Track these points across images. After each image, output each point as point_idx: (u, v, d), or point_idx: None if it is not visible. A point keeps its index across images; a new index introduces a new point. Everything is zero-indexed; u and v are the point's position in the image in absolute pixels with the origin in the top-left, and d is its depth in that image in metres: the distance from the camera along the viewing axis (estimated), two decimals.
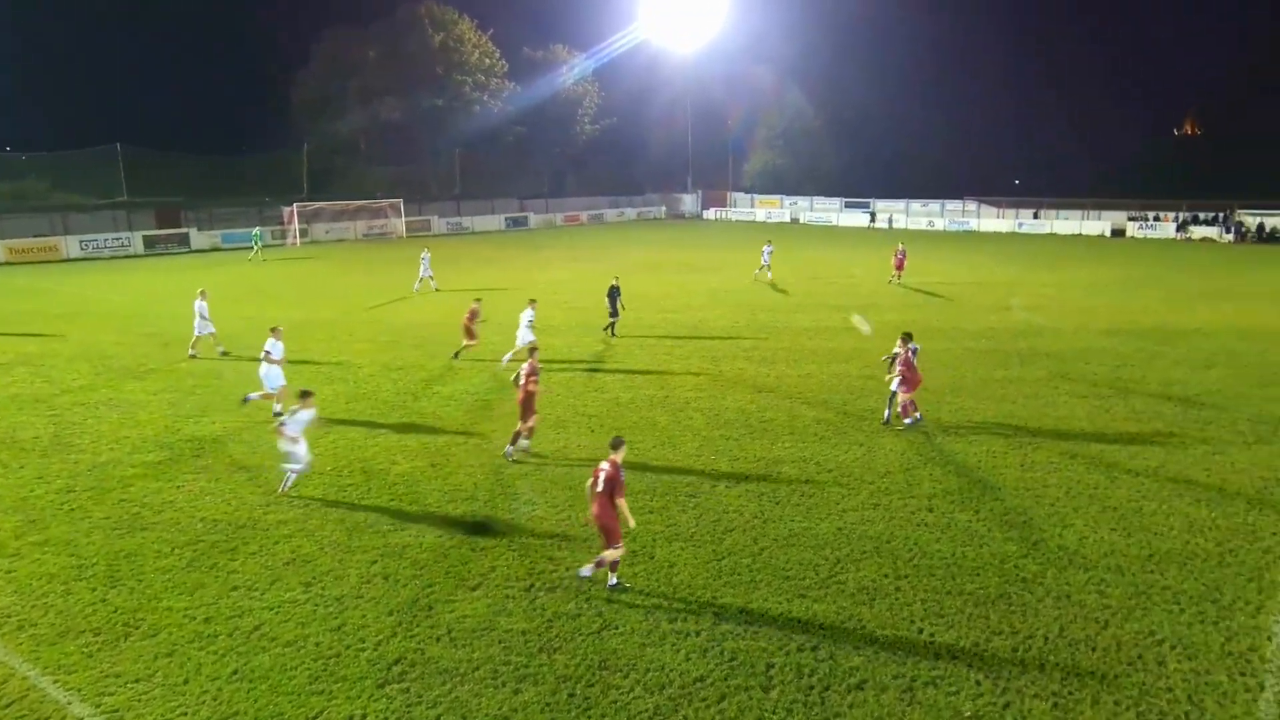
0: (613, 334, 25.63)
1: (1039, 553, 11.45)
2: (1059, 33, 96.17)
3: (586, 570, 10.62)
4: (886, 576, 10.83)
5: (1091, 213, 70.74)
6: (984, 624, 9.73)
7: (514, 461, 14.90)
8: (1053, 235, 67.56)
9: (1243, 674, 8.78)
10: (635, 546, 11.64)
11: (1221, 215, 65.37)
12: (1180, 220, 66.01)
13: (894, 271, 37.18)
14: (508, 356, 21.68)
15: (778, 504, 13.11)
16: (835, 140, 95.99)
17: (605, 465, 10.12)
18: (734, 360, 22.84)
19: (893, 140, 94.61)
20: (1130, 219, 68.15)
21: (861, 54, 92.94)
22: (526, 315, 21.38)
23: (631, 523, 10.43)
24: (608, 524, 10.08)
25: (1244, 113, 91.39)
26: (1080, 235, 67.20)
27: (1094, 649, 9.24)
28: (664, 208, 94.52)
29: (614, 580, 10.46)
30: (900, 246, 38.52)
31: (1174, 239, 64.31)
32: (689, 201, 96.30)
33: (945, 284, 37.11)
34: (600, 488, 10.03)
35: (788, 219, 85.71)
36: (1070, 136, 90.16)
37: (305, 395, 13.43)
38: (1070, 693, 8.50)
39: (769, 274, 38.20)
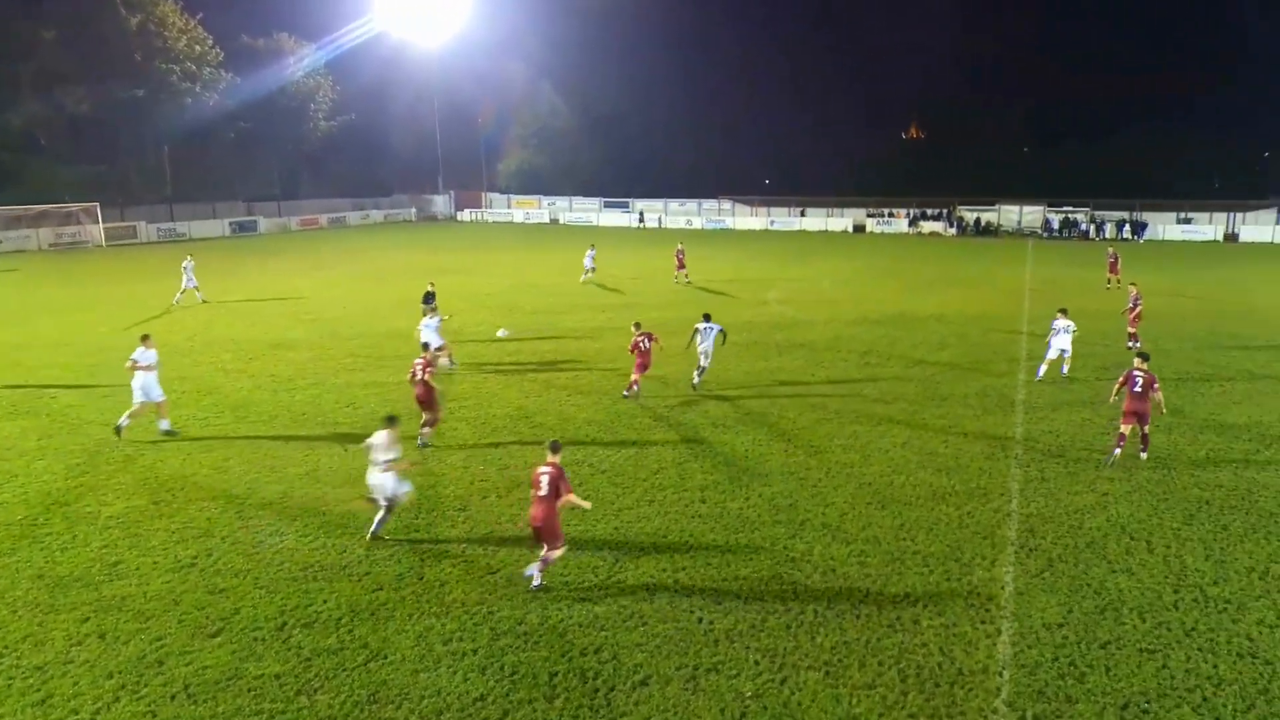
0: None
1: (805, 532, 12.43)
2: (800, 41, 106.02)
3: (534, 573, 10.66)
4: (665, 570, 11.22)
5: (835, 210, 78.74)
6: (759, 605, 10.38)
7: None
8: (802, 232, 74.18)
9: (984, 622, 10.07)
10: (402, 569, 11.15)
11: (946, 211, 75.47)
12: (912, 216, 75.33)
13: (676, 271, 39.21)
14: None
15: None
16: (591, 139, 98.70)
17: (547, 469, 10.43)
18: (502, 365, 22.69)
19: (647, 140, 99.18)
20: (869, 215, 76.79)
21: (613, 52, 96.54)
22: (430, 322, 21.49)
23: (586, 505, 11.13)
24: (552, 526, 10.46)
25: (960, 118, 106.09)
26: (826, 231, 74.38)
27: (858, 616, 10.17)
28: (414, 210, 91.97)
29: (539, 581, 10.63)
30: (680, 246, 41.10)
31: (907, 233, 73.19)
32: (441, 203, 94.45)
33: (712, 281, 39.40)
34: (544, 491, 10.34)
35: (547, 220, 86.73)
36: (812, 139, 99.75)
37: (392, 421, 12.08)
38: (839, 660, 9.29)
39: (587, 276, 39.32)
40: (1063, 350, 20.93)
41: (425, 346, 19.11)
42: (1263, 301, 34.38)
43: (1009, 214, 75.03)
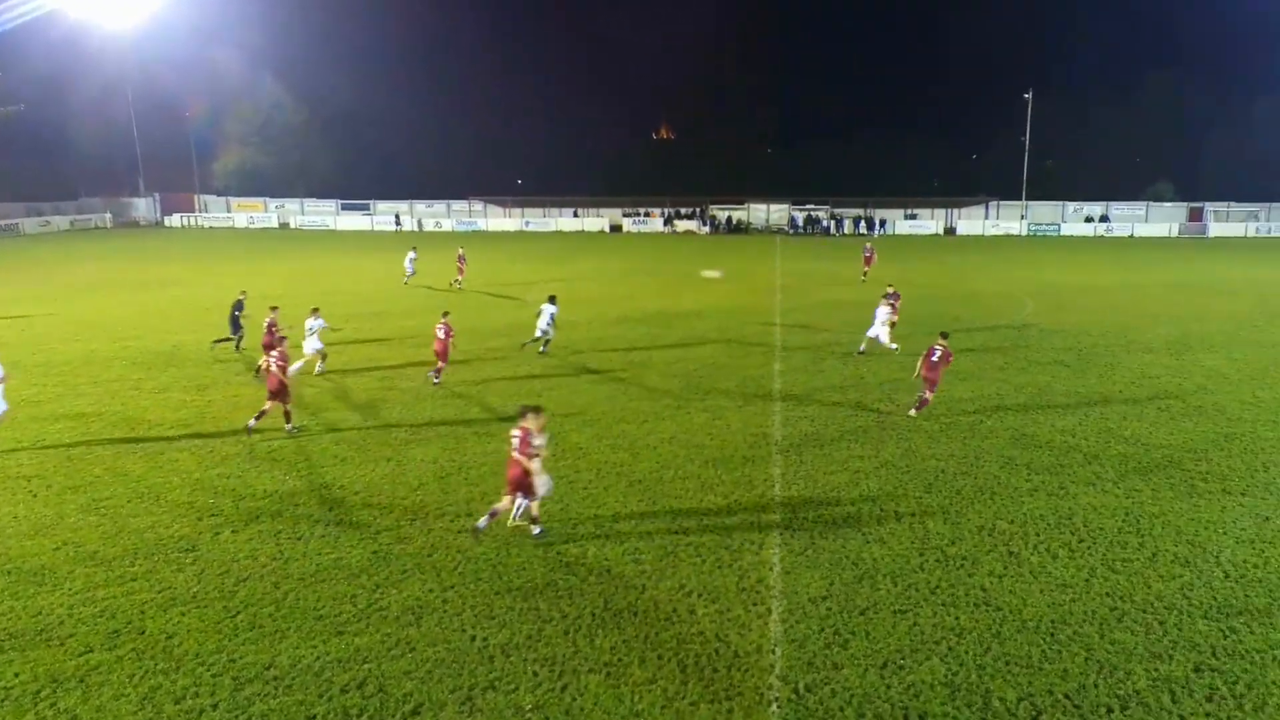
0: (237, 349, 25.12)
1: (579, 535, 12.60)
2: (545, 40, 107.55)
3: (538, 530, 12.48)
4: (432, 591, 10.90)
5: (591, 210, 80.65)
6: (535, 615, 10.37)
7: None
8: (559, 232, 75.25)
9: (755, 605, 10.74)
10: (117, 624, 9.94)
11: (699, 210, 79.84)
12: (667, 216, 78.90)
13: (457, 277, 39.55)
14: (297, 365, 20.95)
15: (299, 540, 12.33)
16: (325, 138, 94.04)
17: (517, 431, 12.09)
18: (227, 385, 20.97)
19: (389, 140, 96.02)
20: (625, 215, 79.47)
21: (346, 48, 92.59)
22: (315, 323, 22.04)
23: (536, 468, 12.12)
24: (524, 480, 12.07)
25: (707, 120, 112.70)
26: (583, 232, 76.01)
27: (636, 614, 10.46)
28: (109, 214, 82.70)
29: (539, 530, 12.48)
30: (460, 250, 41.19)
31: (663, 232, 76.55)
32: (144, 206, 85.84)
33: (475, 284, 38.89)
34: (518, 451, 11.98)
35: (275, 224, 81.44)
36: (565, 139, 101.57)
37: (537, 412, 12.53)
38: (620, 659, 9.50)
39: (407, 279, 39.58)
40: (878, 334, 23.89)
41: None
42: (979, 287, 39.69)
43: (758, 212, 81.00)
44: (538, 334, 24.59)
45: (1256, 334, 28.73)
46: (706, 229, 77.56)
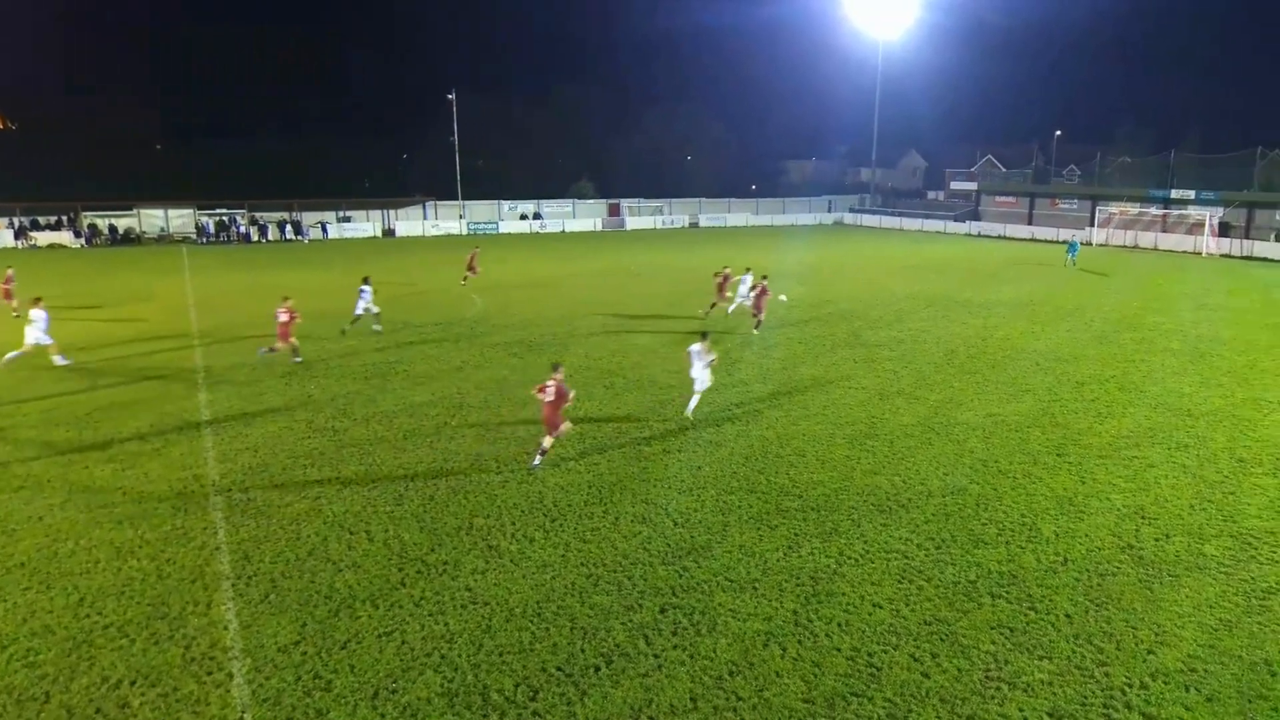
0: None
1: None
2: None
3: (536, 461, 16.36)
4: None
5: None
6: None
7: None
8: None
9: (210, 674, 9.70)
10: None
11: (68, 217, 69.47)
12: (18, 226, 66.85)
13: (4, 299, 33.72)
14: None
15: None
16: None
17: (551, 382, 16.01)
18: None
19: None
20: None
21: None
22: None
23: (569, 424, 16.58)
24: (554, 421, 16.19)
25: (64, 108, 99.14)
26: None
27: None
28: None
29: (537, 461, 16.30)
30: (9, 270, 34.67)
31: (17, 247, 64.86)
32: None
33: None
34: (551, 398, 15.98)
35: None
36: None
37: (704, 335, 19.45)
38: None
39: None
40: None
41: None
42: (428, 288, 41.21)
43: (152, 218, 73.61)
44: None
45: (673, 311, 34.44)
46: (81, 241, 67.95)
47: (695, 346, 19.33)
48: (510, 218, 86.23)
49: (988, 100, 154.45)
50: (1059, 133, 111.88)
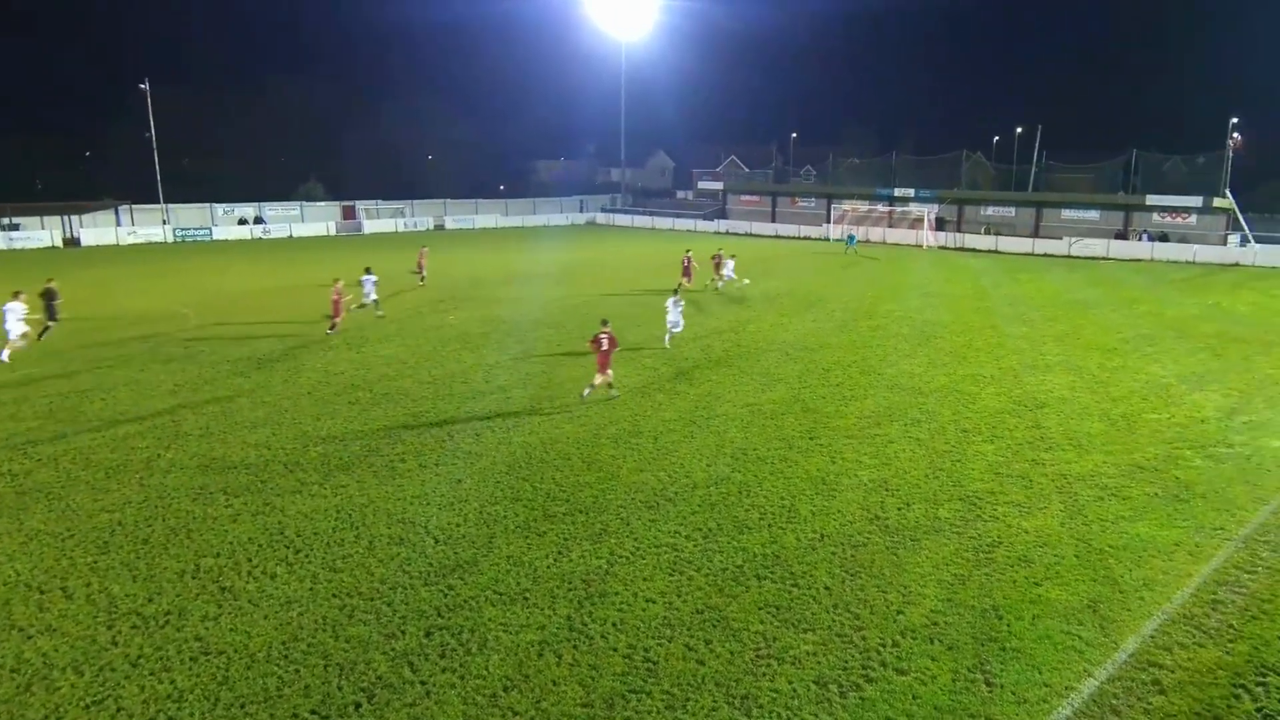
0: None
1: None
2: None
3: (586, 391, 21.53)
4: None
5: None
6: None
7: None
8: None
9: None
10: None
11: None
12: None
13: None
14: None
15: None
16: None
17: (604, 334, 21.20)
18: None
19: None
20: None
21: None
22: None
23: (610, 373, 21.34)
24: (605, 363, 21.25)
25: None
26: None
27: None
28: None
29: (588, 392, 21.50)
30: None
31: None
32: None
33: None
34: (605, 346, 21.16)
35: None
36: None
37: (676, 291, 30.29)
38: None
39: None
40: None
41: None
42: (130, 305, 37.66)
43: None
44: None
45: (423, 321, 33.57)
46: None
47: (670, 300, 28.37)
48: (226, 222, 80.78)
49: (729, 103, 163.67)
50: (795, 135, 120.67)
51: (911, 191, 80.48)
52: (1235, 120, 72.41)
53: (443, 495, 15.33)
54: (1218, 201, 66.94)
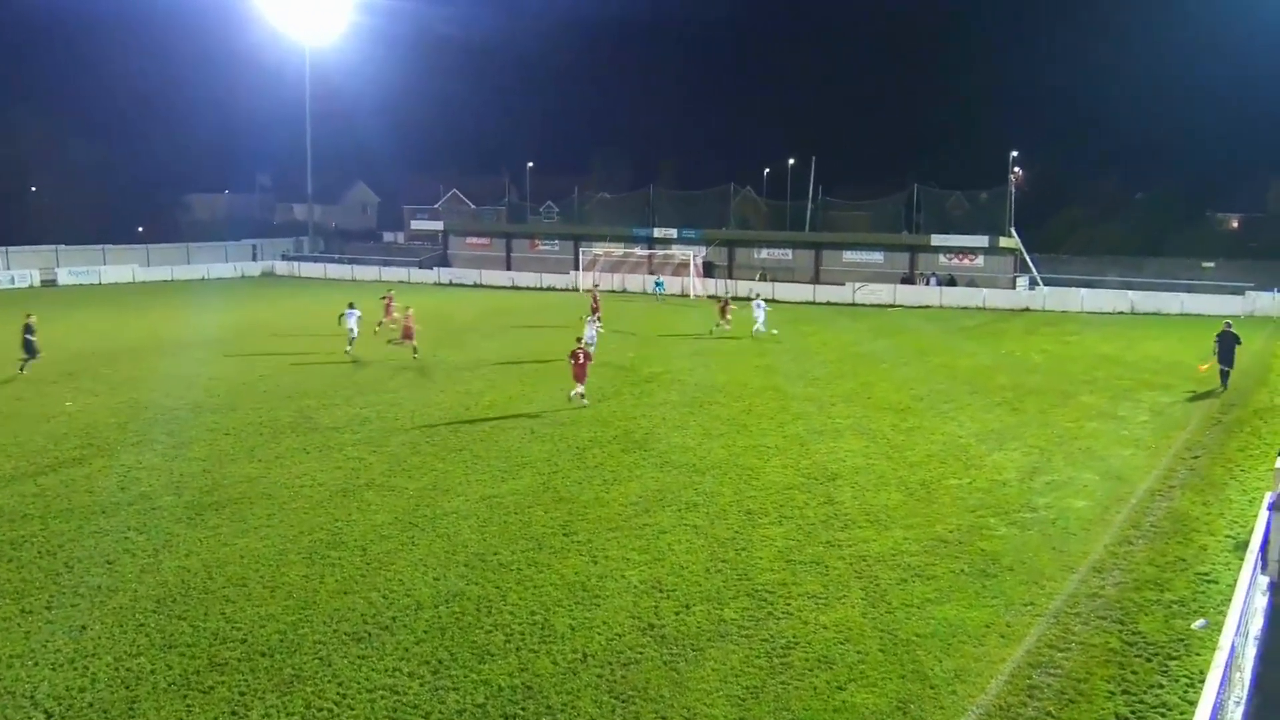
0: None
1: None
2: None
3: (575, 393, 30.79)
4: None
5: None
6: None
7: None
8: None
9: None
10: None
11: None
12: None
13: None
14: None
15: None
16: None
17: (580, 350, 31.14)
18: None
19: None
20: None
21: None
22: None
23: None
24: (581, 375, 30.87)
25: None
26: None
27: None
28: None
29: (575, 393, 30.89)
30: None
31: None
32: None
33: None
34: (582, 360, 30.83)
35: None
36: None
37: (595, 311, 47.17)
38: None
39: None
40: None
41: None
42: None
43: None
44: None
45: (26, 409, 30.63)
46: None
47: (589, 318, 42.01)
48: None
49: (450, 126, 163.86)
50: (530, 164, 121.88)
51: (674, 232, 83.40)
52: (1015, 154, 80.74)
53: (58, 651, 13.72)
54: (1004, 241, 74.15)
